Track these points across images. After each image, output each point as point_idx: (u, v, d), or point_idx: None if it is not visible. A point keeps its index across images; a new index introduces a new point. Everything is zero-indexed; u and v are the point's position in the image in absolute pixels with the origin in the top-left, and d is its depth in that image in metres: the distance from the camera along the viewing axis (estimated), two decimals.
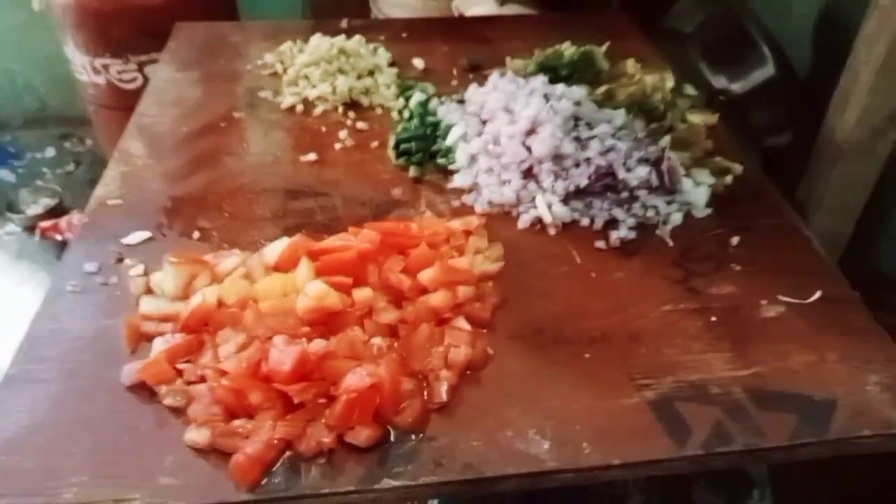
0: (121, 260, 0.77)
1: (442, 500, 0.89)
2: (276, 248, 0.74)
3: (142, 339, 0.69)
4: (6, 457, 0.59)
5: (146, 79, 2.05)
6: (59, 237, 2.54)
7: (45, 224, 2.55)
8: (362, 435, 0.60)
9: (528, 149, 0.79)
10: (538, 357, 0.68)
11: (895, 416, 0.64)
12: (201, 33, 1.20)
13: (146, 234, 0.80)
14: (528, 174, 0.82)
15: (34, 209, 2.69)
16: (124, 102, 2.09)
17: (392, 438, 0.62)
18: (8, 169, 2.96)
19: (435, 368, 0.66)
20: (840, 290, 0.78)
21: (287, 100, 1.01)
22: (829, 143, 1.05)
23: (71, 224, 2.50)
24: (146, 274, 0.75)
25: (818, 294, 0.76)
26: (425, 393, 0.65)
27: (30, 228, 2.65)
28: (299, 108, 1.01)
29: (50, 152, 3.07)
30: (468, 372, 0.66)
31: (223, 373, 0.63)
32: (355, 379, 0.61)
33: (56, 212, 2.69)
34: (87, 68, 2.14)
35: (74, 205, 2.68)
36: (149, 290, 0.73)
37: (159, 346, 0.67)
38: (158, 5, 1.96)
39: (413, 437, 0.62)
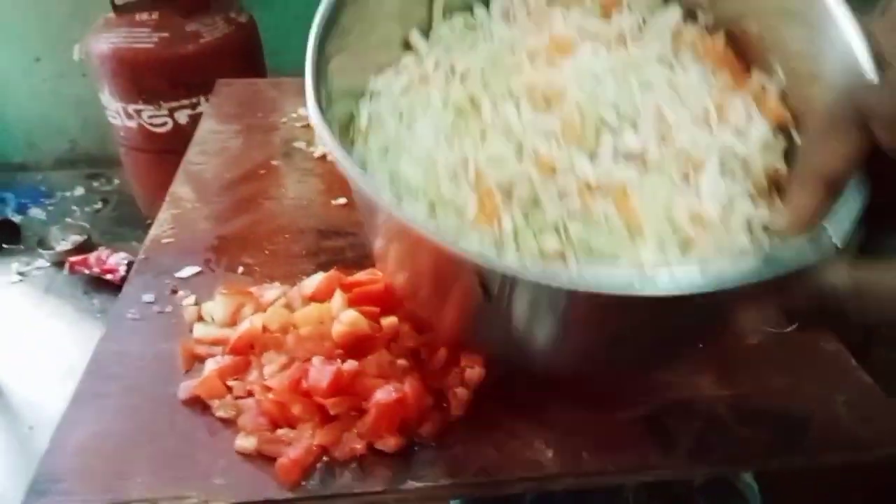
0: (175, 291, 0.86)
1: (461, 502, 0.97)
2: (313, 281, 0.85)
3: (195, 360, 0.78)
4: (80, 459, 0.67)
5: (176, 123, 2.20)
6: (86, 272, 2.64)
7: (73, 259, 2.66)
8: (390, 443, 0.69)
9: None
10: (544, 377, 0.73)
11: (860, 431, 0.72)
12: (240, 89, 1.33)
13: (196, 269, 0.89)
14: None
15: (63, 245, 2.80)
16: (154, 145, 2.24)
17: (415, 447, 0.70)
18: (39, 207, 3.11)
19: (452, 386, 0.75)
20: None
21: (319, 149, 1.12)
22: None
23: (99, 259, 2.61)
24: (197, 303, 0.84)
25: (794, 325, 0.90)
26: (444, 407, 0.73)
27: (58, 264, 2.75)
28: (330, 157, 1.09)
29: (79, 191, 3.22)
30: (482, 389, 0.73)
31: (268, 388, 0.72)
32: (383, 394, 0.70)
33: (84, 248, 2.80)
34: (120, 113, 2.29)
35: (102, 241, 2.80)
36: (200, 318, 0.82)
37: (211, 366, 0.76)
38: (189, 56, 2.11)
39: (433, 445, 0.70)
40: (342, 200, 1.04)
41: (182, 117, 2.27)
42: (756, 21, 0.71)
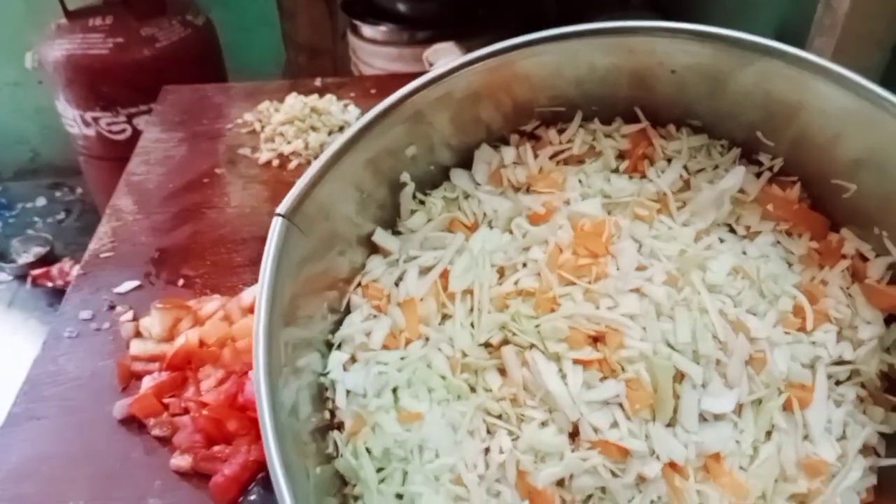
0: (113, 307, 0.81)
1: None
2: (251, 292, 0.78)
3: (132, 378, 0.72)
4: (13, 484, 0.62)
5: (135, 130, 2.14)
6: (50, 284, 2.55)
7: (36, 272, 2.54)
8: None
9: None
10: None
11: None
12: (187, 96, 1.25)
13: (135, 283, 0.84)
14: None
15: (25, 258, 2.69)
16: (113, 153, 2.11)
17: None
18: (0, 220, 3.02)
19: None
20: None
21: (264, 155, 1.06)
22: None
23: (62, 271, 2.53)
24: (135, 319, 0.78)
25: None
26: None
27: (21, 277, 2.61)
28: (275, 162, 1.05)
29: (41, 202, 3.10)
30: None
31: (204, 404, 0.65)
32: None
33: (47, 260, 2.67)
34: (77, 121, 2.17)
35: (65, 252, 2.68)
36: (138, 334, 0.77)
37: (147, 383, 0.69)
38: (145, 61, 2.03)
39: None
40: None
41: (141, 124, 2.17)
42: (838, 166, 0.50)
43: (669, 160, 0.55)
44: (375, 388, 0.48)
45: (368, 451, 0.46)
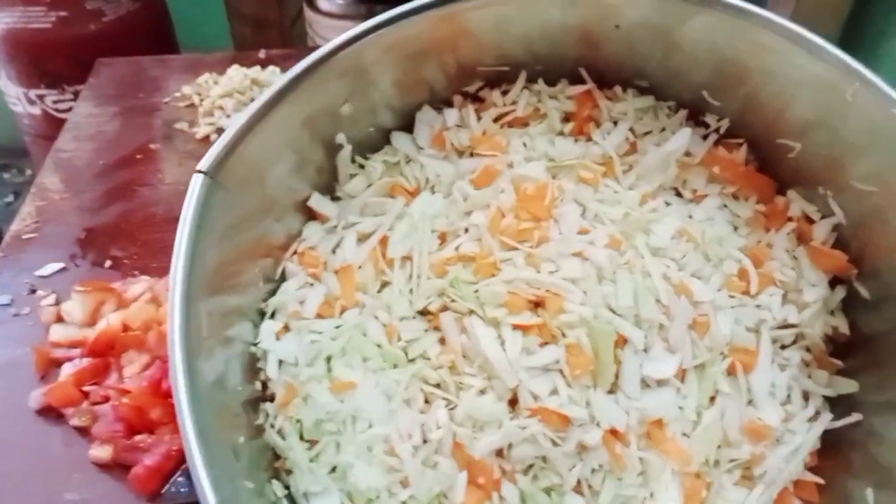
0: (34, 291, 0.77)
1: None
2: None
3: (52, 366, 0.68)
4: None
5: None
6: None
7: None
8: None
9: None
10: None
11: None
12: (122, 69, 1.19)
13: (59, 265, 0.80)
14: None
15: None
16: (60, 132, 2.10)
17: None
18: None
19: None
20: None
21: (202, 130, 1.01)
22: None
23: None
24: (58, 303, 0.74)
25: None
26: None
27: None
28: (214, 137, 0.99)
29: None
30: None
31: (126, 391, 0.62)
32: None
33: None
34: (21, 100, 2.06)
35: None
36: (59, 319, 0.73)
37: (67, 370, 0.66)
38: (91, 36, 1.94)
39: None
40: None
41: None
42: (798, 132, 0.49)
43: (615, 122, 0.54)
44: (308, 358, 0.46)
45: (300, 422, 0.45)
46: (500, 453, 0.44)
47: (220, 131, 0.97)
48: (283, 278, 0.51)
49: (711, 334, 0.46)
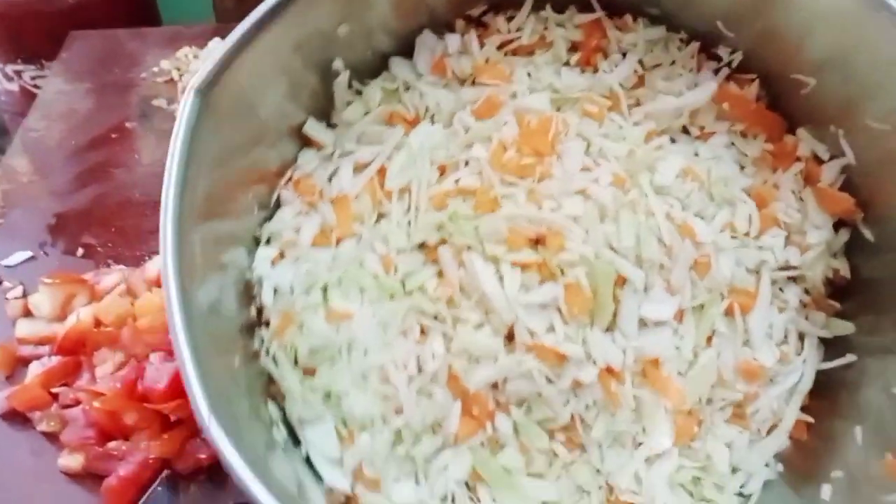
0: None
1: None
2: (157, 263, 0.68)
3: (18, 364, 0.63)
4: None
5: None
6: None
7: None
8: None
9: None
10: None
11: None
12: (96, 43, 1.11)
13: (27, 255, 0.74)
14: None
15: None
16: None
17: None
18: None
19: None
20: None
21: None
22: None
23: None
24: (25, 296, 0.69)
25: None
26: None
27: None
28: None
29: None
30: None
31: (98, 394, 0.57)
32: None
33: None
34: None
35: None
36: (27, 313, 0.68)
37: (35, 370, 0.61)
38: (70, 10, 1.87)
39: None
40: None
41: None
42: (810, 64, 0.47)
43: (624, 54, 0.52)
44: (304, 286, 0.46)
45: (294, 350, 0.45)
46: (494, 386, 0.44)
47: None
48: (277, 205, 0.50)
49: (712, 275, 0.46)
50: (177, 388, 0.56)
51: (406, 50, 0.52)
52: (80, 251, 0.73)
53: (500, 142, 0.47)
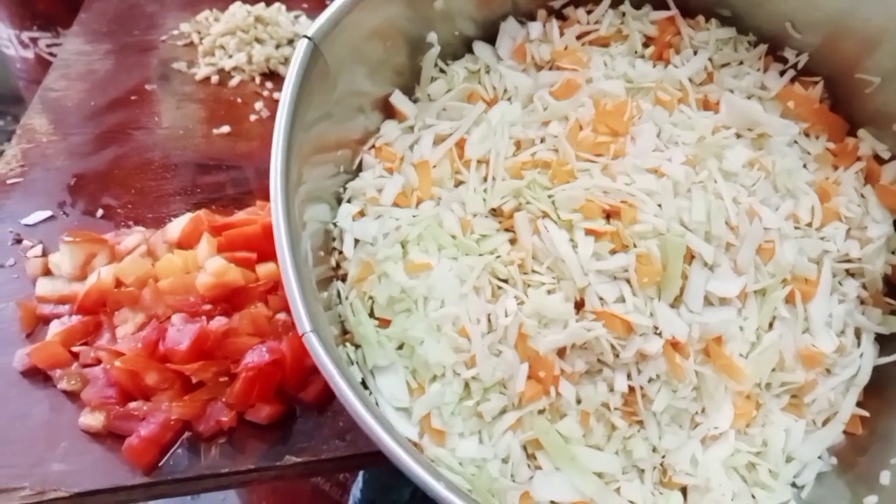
0: (19, 241, 0.70)
1: (367, 479, 0.85)
2: (178, 225, 0.68)
3: (39, 322, 0.62)
4: None
5: None
6: None
7: None
8: (263, 412, 0.55)
9: None
10: None
11: None
12: (115, 4, 1.09)
13: (46, 214, 0.73)
14: None
15: None
16: None
17: (295, 415, 0.57)
18: None
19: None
20: None
21: (202, 71, 0.93)
22: None
23: None
24: (45, 255, 0.68)
25: None
26: None
27: None
28: (214, 79, 0.92)
29: None
30: None
31: (118, 354, 0.57)
32: (255, 356, 0.55)
33: None
34: (13, 42, 1.97)
35: None
36: (47, 272, 0.67)
37: (55, 328, 0.60)
38: None
39: (316, 412, 0.57)
40: (225, 129, 0.85)
41: None
42: (877, 63, 0.50)
43: (696, 51, 0.56)
44: (384, 239, 0.49)
45: (371, 299, 0.47)
46: (560, 354, 0.46)
47: (220, 72, 0.89)
48: (359, 170, 0.53)
49: (775, 260, 0.48)
50: (198, 350, 0.55)
51: (489, 36, 0.57)
52: (100, 212, 0.72)
53: (577, 120, 0.50)
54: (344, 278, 0.49)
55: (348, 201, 0.51)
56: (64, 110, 0.87)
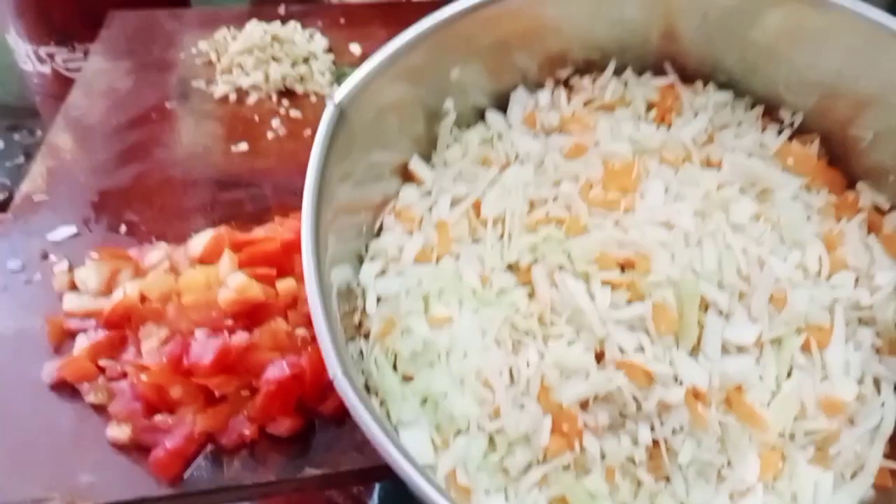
0: (45, 256, 0.72)
1: (382, 497, 0.86)
2: (200, 241, 0.70)
3: (65, 337, 0.64)
4: None
5: None
6: None
7: None
8: (284, 426, 0.57)
9: None
10: None
11: None
12: (136, 22, 1.12)
13: (72, 230, 0.75)
14: None
15: None
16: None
17: (314, 428, 0.59)
18: None
19: None
20: None
21: (220, 89, 0.95)
22: None
23: None
24: (71, 270, 0.70)
25: None
26: None
27: None
28: (232, 97, 0.95)
29: None
30: None
31: (144, 368, 0.59)
32: (276, 370, 0.57)
33: (6, 206, 2.60)
34: (31, 57, 2.01)
35: None
36: (73, 287, 0.68)
37: (82, 343, 0.62)
38: None
39: (335, 425, 0.58)
40: (243, 147, 0.87)
41: None
42: (868, 121, 0.53)
43: (696, 114, 0.59)
44: (406, 294, 0.51)
45: (395, 354, 0.49)
46: (583, 408, 0.47)
47: (238, 90, 0.91)
48: (379, 232, 0.56)
49: (789, 308, 0.49)
50: (221, 364, 0.57)
51: (500, 105, 0.60)
52: (123, 228, 0.74)
53: (588, 180, 0.53)
54: (367, 336, 0.50)
55: (371, 260, 0.53)
56: (87, 128, 0.90)
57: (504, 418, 0.46)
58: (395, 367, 0.49)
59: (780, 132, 0.58)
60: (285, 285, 0.65)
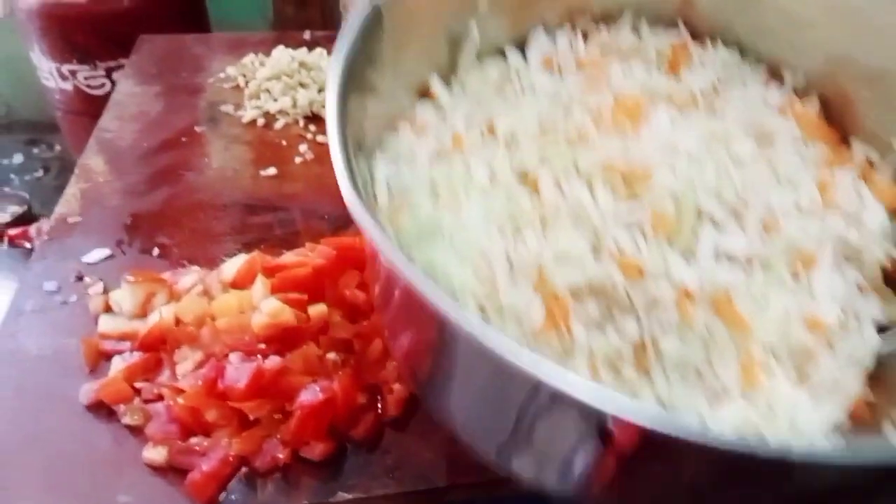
0: (81, 278, 0.73)
1: None
2: (233, 266, 0.71)
3: (101, 358, 0.65)
4: None
5: (114, 85, 2.02)
6: (28, 245, 2.47)
7: (13, 232, 2.47)
8: (316, 450, 0.58)
9: None
10: None
11: None
12: (164, 46, 1.15)
13: (106, 252, 0.77)
14: None
15: (2, 217, 2.60)
16: (92, 108, 2.02)
17: (346, 452, 0.60)
18: None
19: (388, 381, 0.63)
20: None
21: (248, 114, 0.97)
22: None
23: (40, 231, 2.43)
24: (105, 292, 0.71)
25: None
26: (379, 406, 0.62)
27: None
28: (260, 121, 0.97)
29: (17, 159, 2.96)
30: None
31: (180, 391, 0.60)
32: (309, 395, 0.58)
33: (25, 219, 2.61)
34: (53, 74, 2.07)
35: (43, 212, 2.59)
36: (108, 308, 0.70)
37: (118, 364, 0.64)
38: (123, 11, 1.92)
39: (366, 449, 0.59)
40: (272, 171, 0.90)
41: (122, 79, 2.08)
42: (859, 81, 0.58)
43: (704, 67, 0.64)
44: (416, 183, 0.54)
45: (398, 233, 0.51)
46: (576, 298, 0.49)
47: (266, 115, 0.93)
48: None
49: (780, 234, 0.52)
50: (255, 388, 0.58)
51: (520, 45, 0.65)
52: (156, 251, 0.76)
53: (598, 108, 0.57)
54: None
55: (383, 153, 0.56)
56: (118, 151, 0.92)
57: (501, 296, 0.48)
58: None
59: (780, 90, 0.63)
60: (316, 310, 0.67)
